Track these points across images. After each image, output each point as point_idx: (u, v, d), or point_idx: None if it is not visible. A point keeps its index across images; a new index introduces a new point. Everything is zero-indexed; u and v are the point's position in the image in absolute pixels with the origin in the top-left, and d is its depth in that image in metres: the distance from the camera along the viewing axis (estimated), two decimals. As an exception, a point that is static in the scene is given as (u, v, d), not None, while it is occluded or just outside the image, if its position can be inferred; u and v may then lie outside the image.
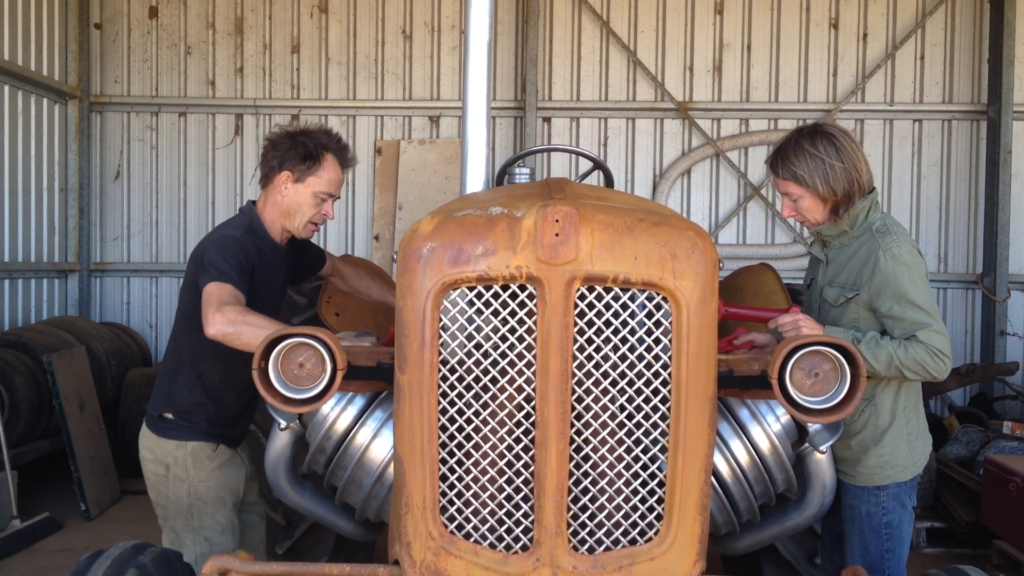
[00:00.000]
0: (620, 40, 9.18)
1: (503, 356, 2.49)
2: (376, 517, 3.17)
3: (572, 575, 2.47)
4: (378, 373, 2.75)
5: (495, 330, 2.49)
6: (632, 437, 2.52)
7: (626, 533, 2.53)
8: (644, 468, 2.54)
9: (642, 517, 2.53)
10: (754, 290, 4.41)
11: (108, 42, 9.36)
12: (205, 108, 9.36)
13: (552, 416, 2.43)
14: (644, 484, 2.54)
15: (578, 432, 2.49)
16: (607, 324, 2.47)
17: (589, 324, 2.46)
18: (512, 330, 2.47)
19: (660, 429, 2.51)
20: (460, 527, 2.55)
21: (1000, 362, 8.69)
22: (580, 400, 2.49)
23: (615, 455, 2.52)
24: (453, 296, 2.48)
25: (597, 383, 2.49)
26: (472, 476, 2.54)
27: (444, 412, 2.52)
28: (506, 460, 2.52)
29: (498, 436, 2.52)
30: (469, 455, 2.54)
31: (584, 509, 2.52)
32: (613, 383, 2.50)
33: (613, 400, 2.51)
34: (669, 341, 2.47)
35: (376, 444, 3.01)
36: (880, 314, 3.13)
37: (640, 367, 2.49)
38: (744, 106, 9.22)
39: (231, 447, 3.60)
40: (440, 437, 2.52)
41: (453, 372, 2.52)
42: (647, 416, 2.51)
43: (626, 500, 2.53)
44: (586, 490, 2.52)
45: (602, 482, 2.52)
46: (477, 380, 2.52)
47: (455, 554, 2.52)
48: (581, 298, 2.43)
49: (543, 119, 9.26)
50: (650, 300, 2.47)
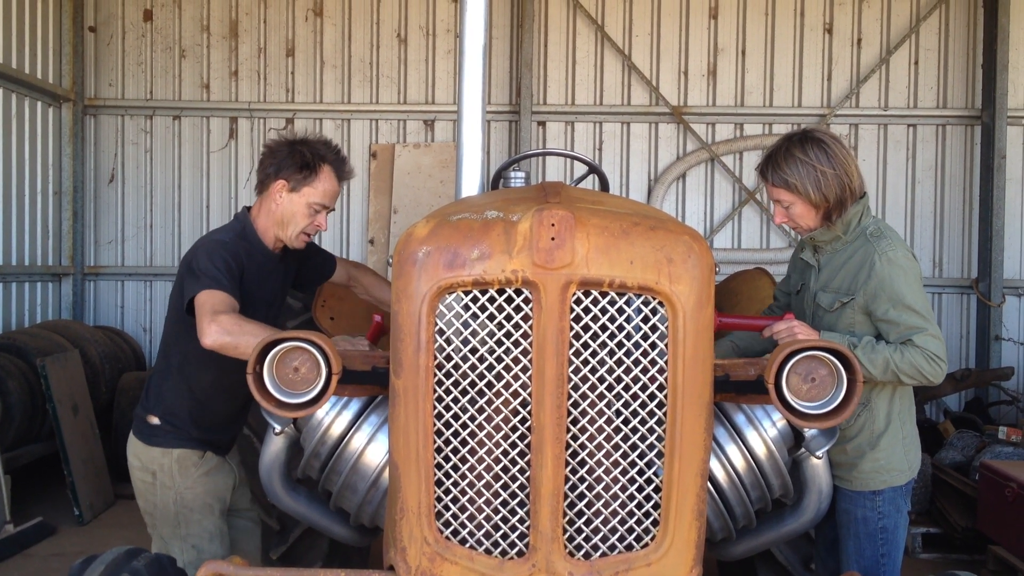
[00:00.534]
0: (615, 44, 9.18)
1: (499, 360, 2.48)
2: (371, 522, 3.16)
3: (568, 581, 2.46)
4: (373, 377, 2.74)
5: (491, 334, 2.48)
6: (628, 442, 2.51)
7: (622, 539, 2.52)
8: (640, 473, 2.53)
9: (638, 522, 2.53)
10: (749, 294, 4.41)
11: (102, 45, 9.34)
12: (199, 111, 9.35)
13: (548, 421, 2.42)
14: (640, 489, 2.53)
15: (574, 437, 2.48)
16: (603, 328, 2.46)
17: (585, 328, 2.45)
18: (508, 334, 2.47)
19: (656, 434, 2.50)
20: (455, 532, 2.54)
21: (995, 367, 8.70)
22: (576, 405, 2.48)
23: (611, 460, 2.51)
24: (449, 300, 2.47)
25: (593, 388, 2.49)
26: (468, 481, 2.53)
27: (440, 416, 2.51)
28: (502, 465, 2.51)
29: (494, 441, 2.51)
30: (465, 460, 2.53)
31: (580, 514, 2.51)
32: (609, 388, 2.49)
33: (609, 405, 2.50)
34: (665, 346, 2.47)
35: (371, 449, 3.00)
36: (875, 318, 3.13)
37: (636, 372, 2.48)
38: (739, 111, 9.24)
39: (219, 454, 3.57)
40: (435, 442, 2.51)
41: (449, 376, 2.51)
42: (643, 421, 2.51)
43: (622, 505, 2.52)
44: (582, 495, 2.51)
45: (598, 487, 2.51)
46: (473, 384, 2.51)
47: (450, 560, 2.51)
48: (577, 302, 2.43)
49: (538, 123, 9.26)
50: (646, 304, 2.47)
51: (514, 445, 2.50)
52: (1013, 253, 9.09)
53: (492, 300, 2.45)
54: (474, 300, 2.46)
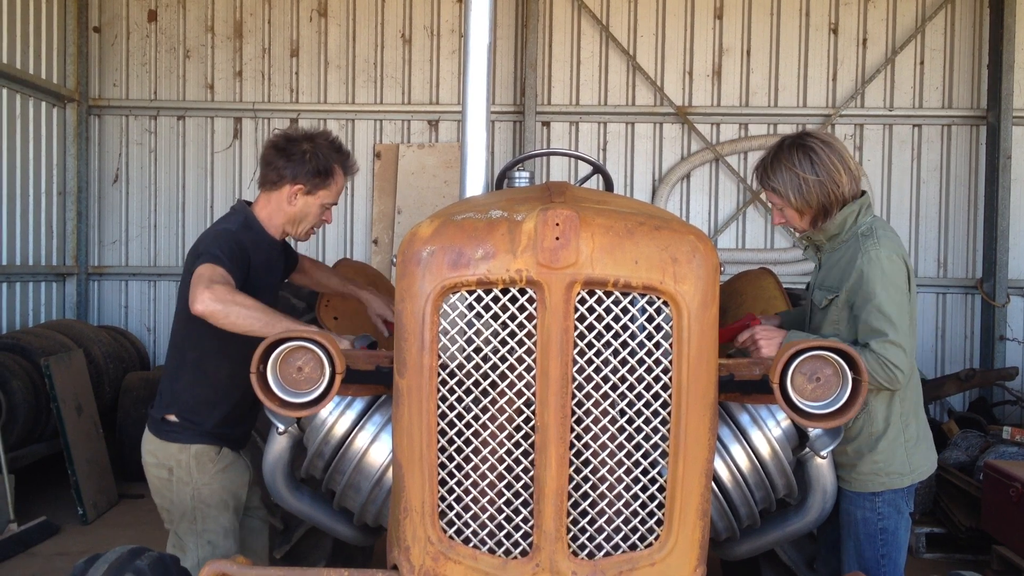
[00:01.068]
0: (619, 44, 9.18)
1: (503, 360, 2.47)
2: (374, 522, 3.16)
3: (572, 581, 2.46)
4: (377, 377, 2.74)
5: (495, 334, 2.48)
6: (632, 442, 2.51)
7: (626, 538, 2.52)
8: (644, 473, 2.52)
9: (642, 522, 2.52)
10: (754, 295, 4.40)
11: (107, 45, 9.35)
12: (204, 112, 9.36)
13: (552, 420, 2.42)
14: (644, 489, 2.52)
15: (578, 437, 2.48)
16: (607, 328, 2.45)
17: (589, 328, 2.45)
18: (512, 334, 2.46)
19: (660, 434, 2.50)
20: (459, 532, 2.53)
21: (999, 367, 8.69)
22: (580, 404, 2.48)
23: (615, 460, 2.50)
24: (453, 300, 2.47)
25: (597, 387, 2.48)
26: (471, 481, 2.53)
27: (443, 416, 2.50)
28: (505, 465, 2.51)
29: (497, 440, 2.50)
30: (468, 459, 2.53)
31: (584, 514, 2.51)
32: (613, 387, 2.49)
33: (613, 404, 2.49)
34: (670, 345, 2.46)
35: (375, 448, 3.00)
36: (852, 314, 3.16)
37: (640, 371, 2.47)
38: (743, 111, 9.23)
39: (234, 449, 3.59)
40: (439, 441, 2.50)
41: (452, 376, 2.50)
42: (647, 421, 2.50)
43: (626, 505, 2.52)
44: (586, 495, 2.51)
45: (602, 487, 2.51)
46: (477, 384, 2.50)
47: (454, 559, 2.50)
48: (581, 302, 2.42)
49: (542, 123, 9.26)
50: (651, 304, 2.46)
51: (518, 445, 2.49)
52: (1018, 253, 9.07)
53: (496, 300, 2.45)
54: (478, 300, 2.46)
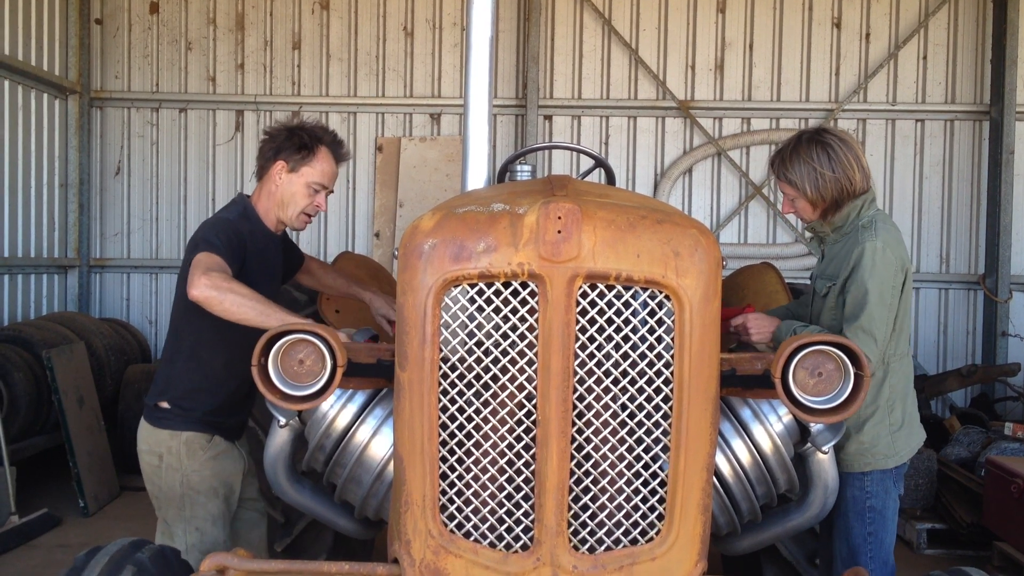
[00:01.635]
0: (622, 38, 9.16)
1: (504, 354, 2.47)
2: (375, 515, 3.16)
3: (572, 574, 2.46)
4: (378, 370, 2.73)
5: (496, 327, 2.47)
6: (634, 436, 2.50)
7: (627, 533, 2.51)
8: (646, 467, 2.52)
9: (643, 517, 2.51)
10: (756, 289, 4.39)
11: (109, 37, 9.34)
12: (206, 104, 9.35)
13: (553, 414, 2.41)
14: (645, 483, 2.52)
15: (579, 431, 2.47)
16: (609, 322, 2.45)
17: (591, 322, 2.44)
18: (513, 327, 2.45)
19: (662, 428, 2.49)
20: (460, 526, 2.53)
21: (1001, 363, 8.67)
22: (581, 398, 2.47)
23: (616, 454, 2.50)
24: (454, 293, 2.46)
25: (599, 381, 2.47)
26: (472, 474, 2.52)
27: (444, 410, 2.50)
28: (507, 458, 2.50)
29: (499, 434, 2.50)
30: (469, 453, 2.52)
31: (585, 508, 2.50)
32: (615, 381, 2.48)
33: (615, 399, 2.49)
34: (671, 340, 2.46)
35: (376, 442, 3.00)
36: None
37: (642, 365, 2.47)
38: (746, 105, 9.20)
39: (228, 439, 3.58)
40: (440, 435, 2.50)
41: (454, 369, 2.50)
42: (649, 415, 2.49)
43: (627, 499, 2.51)
44: (587, 489, 2.50)
45: (603, 481, 2.50)
46: (478, 378, 2.50)
47: (455, 553, 2.50)
48: (583, 296, 2.42)
49: (544, 117, 9.24)
50: (652, 298, 2.46)
51: (519, 439, 2.49)
52: (1021, 249, 9.05)
53: (498, 293, 2.44)
54: (480, 293, 2.45)
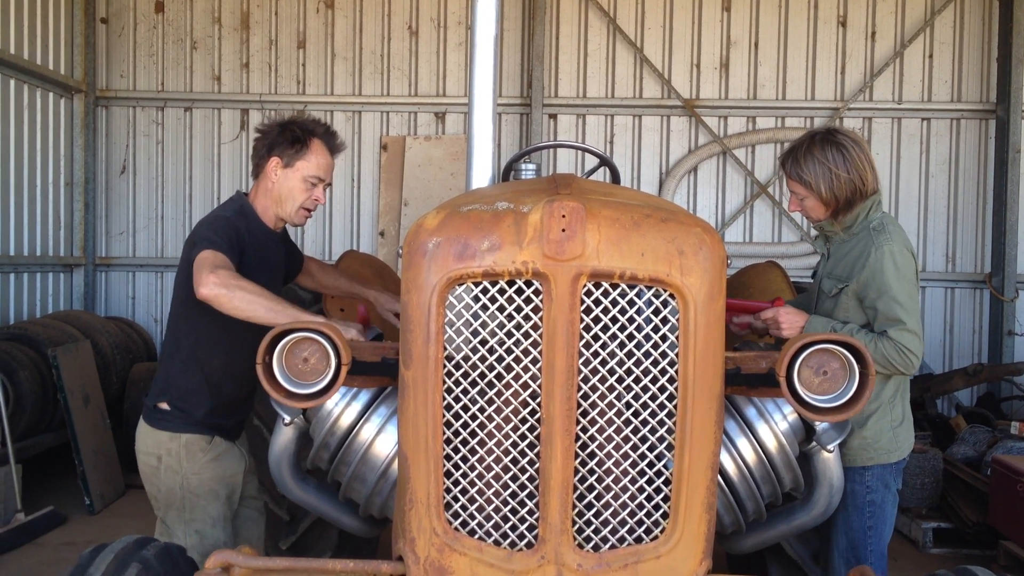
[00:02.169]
0: (627, 37, 9.15)
1: (508, 352, 2.47)
2: (380, 513, 3.16)
3: (577, 573, 2.46)
4: (383, 368, 2.74)
5: (500, 326, 2.47)
6: (638, 434, 2.50)
7: (632, 531, 2.51)
8: (650, 466, 2.52)
9: (648, 515, 2.51)
10: (761, 288, 4.39)
11: (114, 36, 9.36)
12: (211, 103, 9.37)
13: (558, 413, 2.41)
14: (650, 482, 2.52)
15: (584, 429, 2.47)
16: (613, 320, 2.45)
17: (595, 320, 2.44)
18: (518, 326, 2.45)
19: (666, 427, 2.49)
20: (464, 524, 2.53)
21: (1008, 362, 8.66)
22: (586, 397, 2.47)
23: (621, 452, 2.50)
24: (459, 291, 2.46)
25: (603, 380, 2.47)
26: (477, 473, 2.52)
27: (449, 408, 2.50)
28: (511, 457, 2.50)
29: (503, 433, 2.50)
30: (474, 451, 2.52)
31: (589, 507, 2.50)
32: (619, 380, 2.48)
33: (619, 397, 2.49)
34: (676, 338, 2.45)
35: (380, 440, 2.99)
36: (864, 305, 3.31)
37: (646, 364, 2.47)
38: (751, 104, 9.19)
39: (228, 439, 3.57)
40: (445, 433, 2.50)
41: (458, 368, 2.50)
42: (653, 413, 2.49)
43: (632, 498, 2.51)
44: (592, 487, 2.50)
45: (608, 479, 2.50)
46: (482, 376, 2.50)
47: (459, 551, 2.50)
48: (587, 294, 2.41)
49: (549, 116, 9.24)
50: (657, 297, 2.45)
51: (524, 437, 2.49)
52: (1027, 248, 9.05)
53: (502, 292, 2.44)
54: (484, 291, 2.45)
